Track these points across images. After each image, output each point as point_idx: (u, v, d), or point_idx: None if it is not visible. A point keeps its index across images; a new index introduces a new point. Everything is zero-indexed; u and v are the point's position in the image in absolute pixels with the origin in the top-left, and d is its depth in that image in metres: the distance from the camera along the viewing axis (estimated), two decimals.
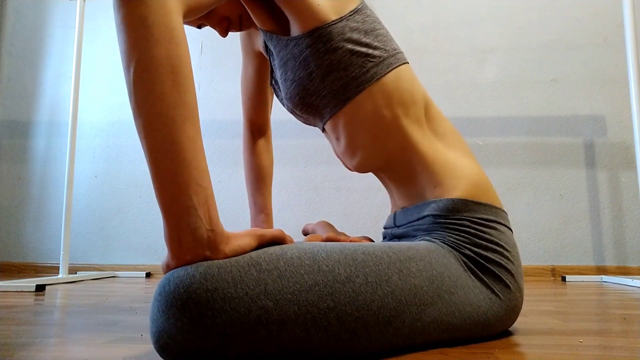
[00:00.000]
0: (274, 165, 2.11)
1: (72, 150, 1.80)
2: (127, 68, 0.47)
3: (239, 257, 0.49)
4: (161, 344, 0.46)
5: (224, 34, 0.84)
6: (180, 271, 0.47)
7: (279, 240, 0.55)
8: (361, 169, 0.75)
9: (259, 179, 1.09)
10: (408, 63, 0.73)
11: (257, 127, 1.09)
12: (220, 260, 0.48)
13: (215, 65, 2.24)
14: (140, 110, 0.46)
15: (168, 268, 0.49)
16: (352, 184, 2.08)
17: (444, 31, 2.13)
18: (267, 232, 0.54)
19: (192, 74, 0.48)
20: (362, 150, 0.72)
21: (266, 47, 0.84)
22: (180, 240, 0.46)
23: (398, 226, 0.76)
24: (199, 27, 0.87)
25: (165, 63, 0.46)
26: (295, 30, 0.69)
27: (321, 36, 0.66)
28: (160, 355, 0.47)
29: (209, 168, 2.15)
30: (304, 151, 2.13)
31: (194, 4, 0.53)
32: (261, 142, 1.10)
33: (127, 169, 2.21)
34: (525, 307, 1.01)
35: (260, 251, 0.50)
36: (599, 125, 2.00)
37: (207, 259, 0.48)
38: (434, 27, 2.14)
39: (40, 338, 0.67)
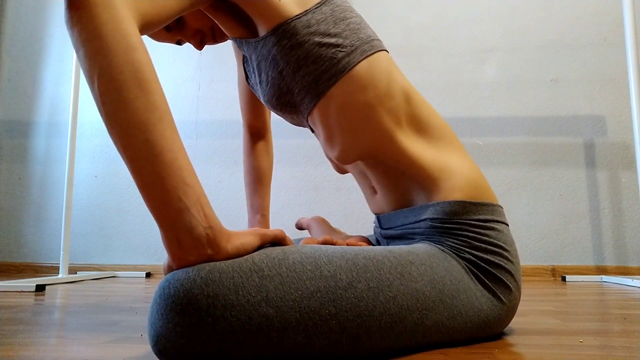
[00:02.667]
0: (274, 166, 2.11)
1: (72, 150, 1.80)
2: (91, 83, 0.47)
3: (242, 261, 0.48)
4: (159, 348, 0.45)
5: (199, 47, 0.84)
6: (181, 273, 0.46)
7: (279, 239, 0.55)
8: (342, 160, 0.72)
9: (257, 180, 1.09)
10: (386, 51, 0.70)
11: (256, 130, 1.09)
12: (223, 265, 0.47)
13: (215, 65, 2.24)
14: (112, 121, 0.46)
15: (170, 270, 0.48)
16: (352, 184, 2.08)
17: (444, 31, 2.13)
18: (269, 231, 0.54)
19: (156, 76, 0.48)
20: (340, 142, 0.70)
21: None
22: (179, 241, 0.46)
23: (385, 228, 0.75)
24: (178, 43, 0.86)
25: (126, 70, 0.46)
26: (261, 30, 0.68)
27: (285, 32, 0.65)
28: (159, 358, 0.47)
29: (209, 168, 2.15)
30: (304, 151, 2.13)
31: (152, 15, 0.53)
32: (260, 145, 1.10)
33: (127, 169, 2.21)
34: (525, 307, 1.01)
35: (262, 255, 0.50)
36: (599, 125, 2.00)
37: (210, 258, 0.47)
38: (434, 27, 2.14)
39: (40, 338, 0.66)
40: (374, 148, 0.69)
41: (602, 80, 2.02)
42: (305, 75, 0.66)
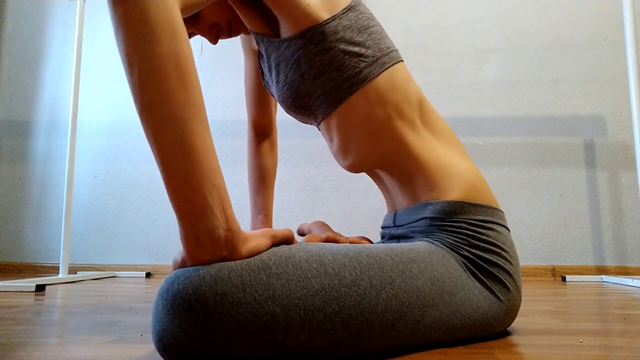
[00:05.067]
0: None
1: (72, 150, 1.80)
2: (129, 69, 0.44)
3: (250, 259, 0.48)
4: (164, 344, 0.45)
5: (214, 40, 0.83)
6: (191, 271, 0.46)
7: (288, 240, 0.55)
8: (354, 169, 0.74)
9: (260, 180, 1.09)
10: (402, 61, 0.72)
11: (261, 128, 1.08)
12: (232, 263, 0.47)
13: (215, 65, 2.24)
14: (148, 113, 0.44)
15: (183, 265, 0.48)
16: (352, 184, 2.08)
17: (444, 31, 2.13)
18: (279, 232, 0.54)
19: (196, 69, 0.47)
20: (355, 151, 0.71)
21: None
22: (198, 240, 0.46)
23: (397, 226, 0.75)
24: (189, 36, 0.85)
25: (169, 60, 0.44)
26: (286, 31, 0.67)
27: (313, 37, 0.65)
28: (161, 355, 0.46)
29: None
30: (304, 151, 2.13)
31: (189, 0, 0.52)
32: (265, 144, 1.10)
33: (127, 169, 2.21)
34: (525, 307, 1.01)
35: (270, 253, 0.50)
36: (599, 125, 2.00)
37: (224, 259, 0.47)
38: (434, 27, 2.14)
39: (40, 338, 0.66)
40: (389, 157, 0.70)
41: (602, 80, 2.02)
42: (327, 81, 0.67)
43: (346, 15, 0.67)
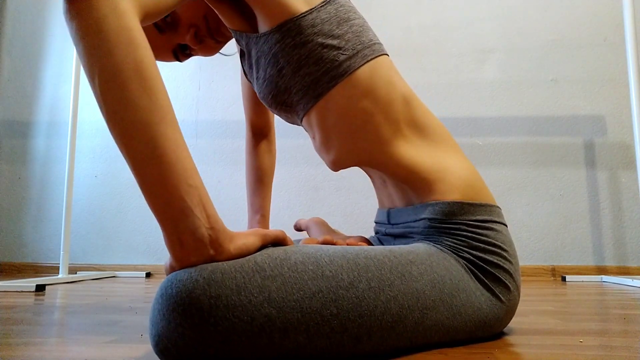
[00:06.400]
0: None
1: (72, 150, 1.80)
2: (91, 80, 0.45)
3: (244, 261, 0.48)
4: (161, 348, 0.45)
5: (197, 44, 0.81)
6: (183, 274, 0.46)
7: (280, 240, 0.55)
8: (337, 165, 0.72)
9: (258, 180, 1.09)
10: (387, 55, 0.70)
11: (258, 129, 1.09)
12: (225, 265, 0.47)
13: (215, 65, 2.24)
14: (113, 121, 0.44)
15: (172, 270, 0.48)
16: (352, 184, 2.08)
17: (444, 31, 2.13)
18: (270, 232, 0.54)
19: (158, 73, 0.46)
20: (336, 147, 0.70)
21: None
22: (182, 242, 0.45)
23: (393, 224, 0.75)
24: (178, 59, 0.84)
25: (128, 68, 0.44)
26: (263, 26, 0.66)
27: (290, 30, 0.64)
28: (160, 358, 0.46)
29: (209, 168, 2.15)
30: (304, 151, 2.13)
31: (150, 6, 0.51)
32: (263, 144, 1.10)
33: (127, 169, 2.21)
34: (525, 307, 1.01)
35: (264, 255, 0.49)
36: (599, 125, 2.00)
37: (212, 258, 0.47)
38: (434, 27, 2.14)
39: (40, 338, 0.66)
40: (370, 154, 0.68)
41: (602, 80, 2.02)
42: (305, 75, 0.65)
43: (325, 8, 0.65)
